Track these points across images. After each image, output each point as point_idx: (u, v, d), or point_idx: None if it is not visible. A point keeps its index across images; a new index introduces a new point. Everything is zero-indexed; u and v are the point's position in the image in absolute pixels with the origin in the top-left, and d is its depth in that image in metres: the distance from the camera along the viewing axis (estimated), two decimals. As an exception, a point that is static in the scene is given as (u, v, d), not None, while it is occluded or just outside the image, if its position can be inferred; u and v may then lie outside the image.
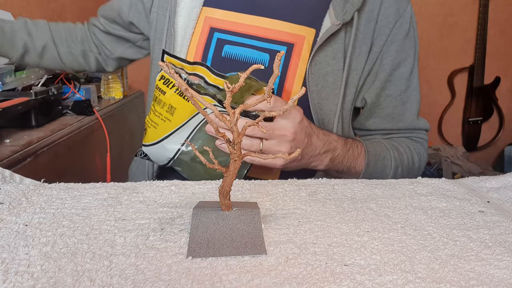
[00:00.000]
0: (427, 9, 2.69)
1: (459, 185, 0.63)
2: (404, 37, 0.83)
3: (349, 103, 0.83)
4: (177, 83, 0.42)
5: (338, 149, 0.77)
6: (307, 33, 0.79)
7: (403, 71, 0.85)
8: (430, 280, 0.38)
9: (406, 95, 0.87)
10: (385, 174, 0.83)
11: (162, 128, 0.74)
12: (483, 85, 2.77)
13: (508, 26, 2.74)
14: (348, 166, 0.79)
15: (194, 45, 0.82)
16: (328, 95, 0.80)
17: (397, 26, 0.82)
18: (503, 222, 0.50)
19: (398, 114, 0.87)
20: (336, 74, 0.79)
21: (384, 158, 0.83)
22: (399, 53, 0.84)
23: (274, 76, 0.41)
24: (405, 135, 0.89)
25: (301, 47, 0.79)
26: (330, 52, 0.79)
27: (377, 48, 0.82)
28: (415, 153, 0.87)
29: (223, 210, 0.46)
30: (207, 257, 0.41)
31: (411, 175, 0.87)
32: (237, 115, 0.42)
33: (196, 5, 0.83)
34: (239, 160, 0.44)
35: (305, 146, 0.72)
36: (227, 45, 0.81)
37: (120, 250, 0.42)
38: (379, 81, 0.84)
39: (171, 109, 0.73)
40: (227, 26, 0.81)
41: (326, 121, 0.81)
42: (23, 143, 0.89)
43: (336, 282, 0.38)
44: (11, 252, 0.42)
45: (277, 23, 0.80)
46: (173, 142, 0.74)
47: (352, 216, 0.51)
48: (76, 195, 0.57)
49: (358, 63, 0.81)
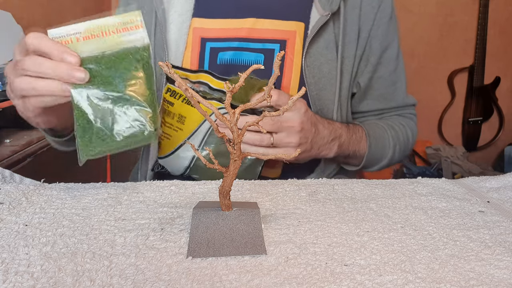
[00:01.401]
0: (427, 9, 2.69)
1: (459, 185, 0.63)
2: (389, 20, 0.87)
3: (346, 90, 0.85)
4: (177, 83, 0.42)
5: (343, 136, 0.80)
6: (297, 28, 0.80)
7: (391, 52, 0.89)
8: (430, 280, 0.38)
9: (395, 75, 0.90)
10: (385, 153, 0.88)
11: (175, 138, 0.76)
12: (483, 85, 2.77)
13: (508, 26, 2.74)
14: (354, 151, 0.83)
15: (188, 58, 0.83)
16: (325, 85, 0.82)
17: (381, 10, 0.85)
18: (503, 222, 0.50)
19: (389, 94, 0.91)
20: (330, 64, 0.81)
21: (384, 138, 0.87)
22: (386, 36, 0.87)
23: (275, 76, 0.41)
24: (396, 113, 0.93)
25: (294, 42, 0.80)
26: (322, 43, 0.80)
27: (365, 34, 0.84)
28: (408, 129, 0.92)
29: (223, 210, 0.46)
30: (207, 257, 0.41)
31: (406, 149, 0.93)
32: (237, 115, 0.42)
33: (185, 20, 0.83)
34: (239, 160, 0.44)
35: (313, 135, 0.74)
36: (221, 52, 0.82)
37: (120, 250, 0.42)
38: (371, 64, 0.87)
39: (181, 119, 0.75)
40: (217, 33, 0.82)
41: (325, 111, 0.83)
42: (23, 143, 0.89)
43: (336, 282, 0.38)
44: (11, 252, 0.42)
45: (266, 22, 0.81)
46: (187, 150, 0.75)
47: (352, 216, 0.51)
48: (76, 195, 0.57)
49: (350, 50, 0.83)
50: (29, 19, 1.57)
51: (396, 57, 0.90)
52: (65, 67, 0.56)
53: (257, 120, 0.43)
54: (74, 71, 0.55)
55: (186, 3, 0.83)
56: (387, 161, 0.89)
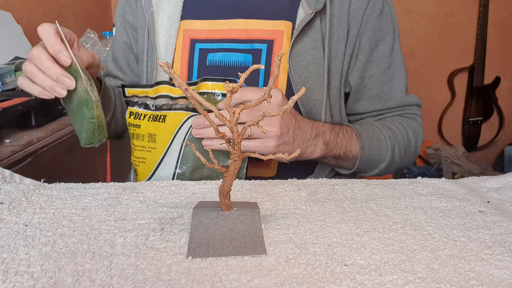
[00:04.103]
0: (427, 9, 2.69)
1: (459, 185, 0.63)
2: (379, 15, 0.83)
3: (336, 89, 0.82)
4: (177, 83, 0.42)
5: (327, 133, 0.76)
6: (284, 27, 0.80)
7: (382, 49, 0.85)
8: (430, 280, 0.38)
9: (390, 73, 0.86)
10: (383, 155, 0.82)
11: (151, 159, 0.73)
12: (483, 85, 2.77)
13: (508, 26, 2.74)
14: (344, 151, 0.78)
15: (178, 60, 0.83)
16: (313, 85, 0.80)
17: (370, 5, 0.82)
18: (503, 222, 0.50)
19: (385, 93, 0.86)
20: (317, 63, 0.80)
21: (379, 139, 0.82)
22: (376, 31, 0.83)
23: (274, 76, 0.41)
24: (397, 113, 0.88)
25: (281, 41, 0.79)
26: (308, 42, 0.79)
27: (355, 31, 0.82)
28: (409, 130, 0.86)
29: (223, 210, 0.46)
30: (207, 257, 0.41)
31: (409, 152, 0.86)
32: (237, 115, 0.43)
33: (174, 21, 0.83)
34: (239, 160, 0.44)
35: (293, 126, 0.71)
36: (210, 53, 0.82)
37: (120, 250, 0.42)
38: (360, 62, 0.84)
39: (152, 137, 0.73)
40: (206, 35, 0.82)
41: (314, 111, 0.81)
42: (23, 143, 0.89)
43: (336, 282, 0.38)
44: (11, 252, 0.42)
45: (254, 22, 0.80)
46: (166, 169, 0.72)
47: (352, 216, 0.51)
48: (76, 195, 0.57)
49: (338, 48, 0.81)
50: (29, 19, 1.57)
51: (390, 54, 0.86)
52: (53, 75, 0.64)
53: (257, 120, 0.43)
54: (56, 86, 0.64)
55: (175, 6, 0.83)
56: (386, 164, 0.83)
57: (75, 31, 0.73)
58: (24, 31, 1.44)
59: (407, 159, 0.87)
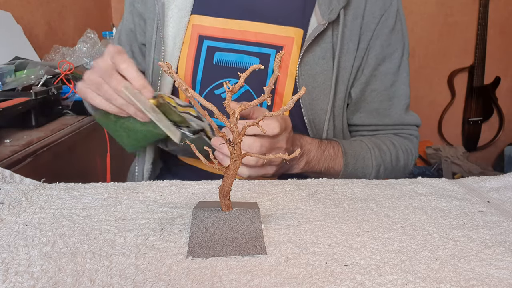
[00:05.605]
0: (427, 9, 2.69)
1: (459, 185, 0.63)
2: (390, 32, 0.82)
3: (340, 101, 0.82)
4: (177, 83, 0.42)
5: (312, 151, 0.76)
6: (295, 34, 0.79)
7: (388, 66, 0.84)
8: (430, 280, 0.38)
9: (392, 90, 0.85)
10: (367, 174, 0.82)
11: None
12: (483, 85, 2.77)
13: (508, 26, 2.74)
14: (326, 167, 0.78)
15: (184, 54, 0.82)
16: (319, 95, 0.79)
17: (382, 21, 0.81)
18: (503, 222, 0.50)
19: (384, 110, 0.86)
20: (326, 74, 0.79)
21: (364, 158, 0.81)
22: (384, 48, 0.83)
23: (274, 76, 0.41)
24: (393, 131, 0.88)
25: (291, 48, 0.79)
26: (318, 52, 0.78)
27: (364, 45, 0.81)
28: (400, 150, 0.85)
29: (223, 210, 0.46)
30: (207, 257, 0.41)
31: (396, 172, 0.86)
32: (237, 115, 0.43)
33: (185, 15, 0.82)
34: (239, 160, 0.44)
35: (290, 131, 0.70)
36: (218, 52, 0.81)
37: (120, 250, 0.42)
38: (364, 76, 0.83)
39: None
40: (216, 33, 0.81)
41: (317, 121, 0.81)
42: (23, 143, 0.89)
43: (336, 282, 0.38)
44: (11, 252, 0.42)
45: (265, 26, 0.80)
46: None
47: (352, 216, 0.51)
48: (76, 195, 0.57)
49: (347, 61, 0.80)
50: (29, 19, 1.57)
51: (396, 71, 0.85)
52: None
53: (257, 120, 0.43)
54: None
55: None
56: None
57: (75, 31, 0.73)
58: (24, 31, 1.44)
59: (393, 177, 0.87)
